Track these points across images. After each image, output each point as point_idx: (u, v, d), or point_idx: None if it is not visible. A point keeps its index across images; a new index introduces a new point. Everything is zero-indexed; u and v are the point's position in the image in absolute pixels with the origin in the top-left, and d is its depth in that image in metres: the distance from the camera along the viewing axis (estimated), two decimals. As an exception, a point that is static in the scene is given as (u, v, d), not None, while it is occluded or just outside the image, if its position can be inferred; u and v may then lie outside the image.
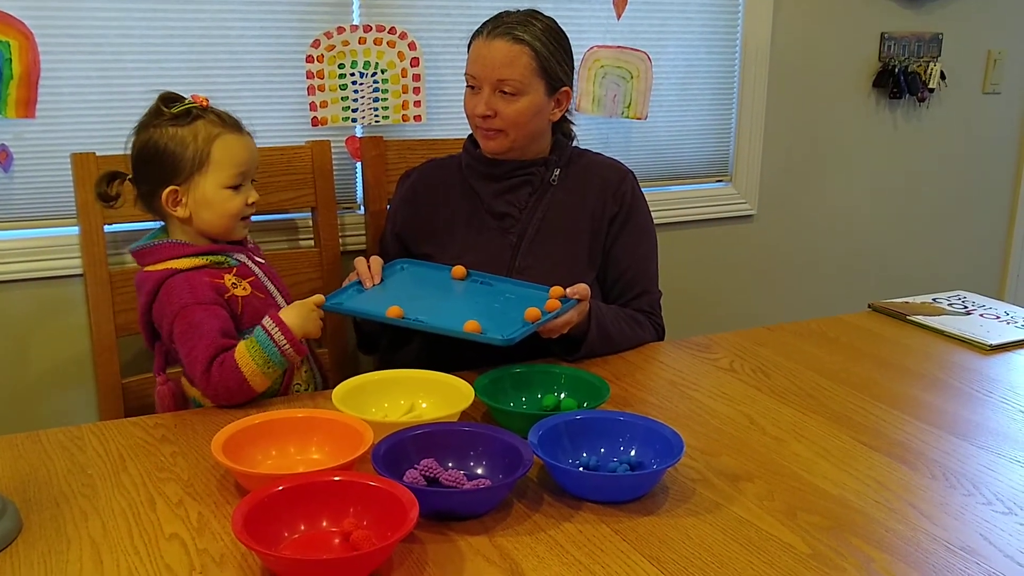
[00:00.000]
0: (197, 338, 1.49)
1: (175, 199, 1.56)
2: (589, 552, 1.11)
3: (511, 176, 1.82)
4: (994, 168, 3.18)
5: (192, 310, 1.51)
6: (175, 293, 1.53)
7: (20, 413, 1.94)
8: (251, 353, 1.48)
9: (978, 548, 1.14)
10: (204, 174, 1.55)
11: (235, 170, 1.56)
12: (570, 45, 1.82)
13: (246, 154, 1.59)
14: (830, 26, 2.73)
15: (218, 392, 1.48)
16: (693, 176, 2.65)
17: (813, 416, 1.51)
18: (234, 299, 1.56)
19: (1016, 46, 3.07)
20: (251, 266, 1.64)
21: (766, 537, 1.15)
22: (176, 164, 1.54)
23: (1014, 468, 1.35)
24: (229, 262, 1.61)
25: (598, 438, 1.32)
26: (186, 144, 1.54)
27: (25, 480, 1.25)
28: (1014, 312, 2.03)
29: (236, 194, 1.57)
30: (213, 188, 1.56)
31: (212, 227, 1.59)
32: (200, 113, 1.56)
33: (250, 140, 1.61)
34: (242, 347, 1.49)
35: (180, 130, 1.54)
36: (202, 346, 1.48)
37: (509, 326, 1.55)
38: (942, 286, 2.34)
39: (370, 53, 2.12)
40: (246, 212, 1.60)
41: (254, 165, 1.62)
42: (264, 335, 1.49)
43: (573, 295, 1.63)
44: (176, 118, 1.55)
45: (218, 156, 1.55)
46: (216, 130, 1.55)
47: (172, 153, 1.54)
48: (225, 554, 1.09)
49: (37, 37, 1.82)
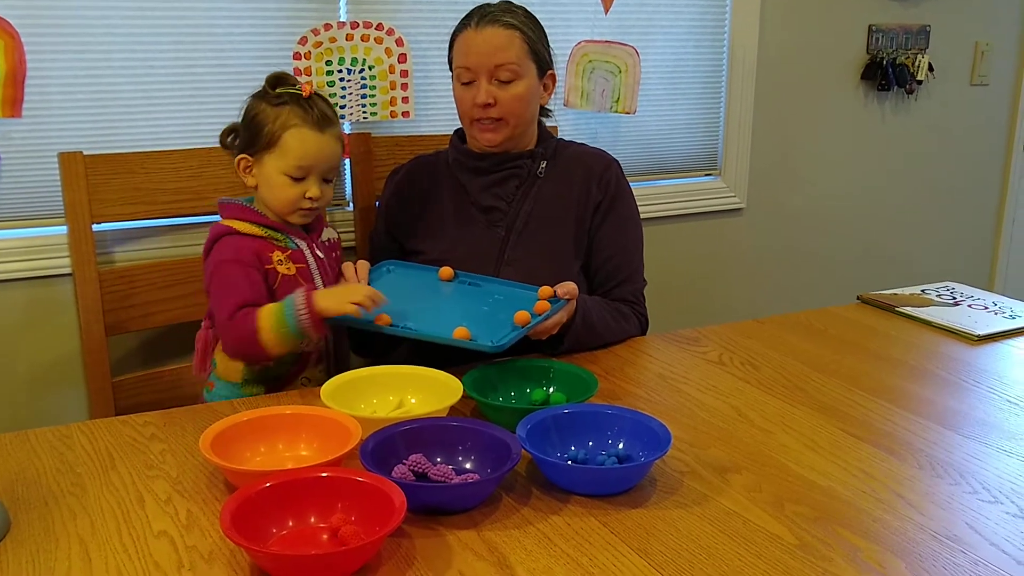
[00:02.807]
0: (229, 289, 1.57)
1: (246, 167, 1.63)
2: (577, 545, 1.11)
3: (498, 169, 1.83)
4: (983, 159, 3.19)
5: (230, 266, 1.58)
6: (222, 249, 1.60)
7: (10, 413, 1.94)
8: (274, 312, 1.53)
9: (964, 536, 1.14)
10: (271, 155, 1.60)
11: (298, 162, 1.59)
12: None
13: (316, 151, 1.61)
14: (818, 19, 2.73)
15: (233, 340, 1.56)
16: (682, 170, 2.66)
17: (801, 408, 1.51)
18: (273, 272, 1.61)
19: (1003, 38, 3.08)
20: (307, 255, 1.66)
21: (753, 528, 1.15)
22: (254, 137, 1.61)
23: (1000, 457, 1.35)
24: (287, 243, 1.64)
25: (586, 431, 1.33)
26: (267, 122, 1.60)
27: (13, 479, 1.25)
28: (1002, 303, 2.04)
29: (295, 184, 1.61)
30: (275, 171, 1.60)
31: (270, 205, 1.64)
32: (292, 100, 1.60)
33: (331, 140, 1.63)
34: (269, 306, 1.55)
35: (270, 108, 1.60)
36: (233, 297, 1.56)
37: (498, 330, 1.54)
38: (932, 278, 2.35)
39: (357, 50, 2.12)
40: (303, 204, 1.62)
41: (327, 164, 1.63)
42: (290, 299, 1.53)
43: (563, 295, 1.63)
44: (274, 97, 1.61)
45: (287, 143, 1.59)
46: (295, 120, 1.59)
47: (256, 125, 1.61)
48: (214, 551, 1.09)
49: (23, 36, 1.82)
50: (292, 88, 1.62)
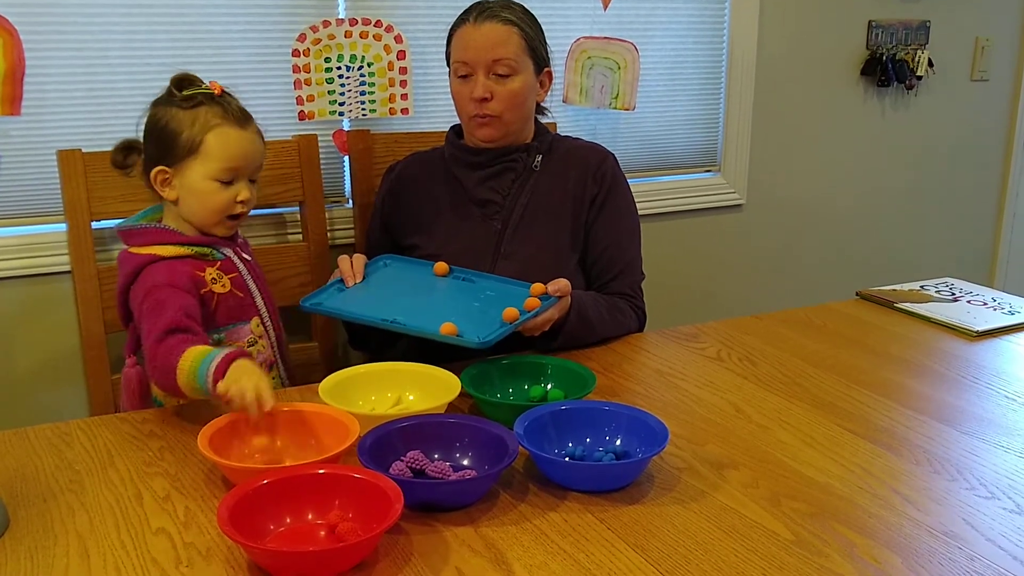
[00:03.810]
0: (160, 311, 1.44)
1: (164, 179, 1.55)
2: (574, 541, 1.11)
3: (494, 164, 1.83)
4: (982, 155, 3.18)
5: (162, 290, 1.48)
6: (154, 275, 1.50)
7: (10, 410, 1.94)
8: (193, 361, 1.36)
9: (960, 532, 1.14)
10: (194, 161, 1.52)
11: (226, 164, 1.52)
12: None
13: (242, 149, 1.54)
14: (817, 14, 2.73)
15: (156, 367, 1.41)
16: (682, 166, 2.66)
17: (799, 404, 1.52)
18: (210, 295, 1.55)
19: (1003, 33, 3.07)
20: (236, 262, 1.62)
21: (750, 524, 1.15)
22: (170, 145, 1.52)
23: (998, 453, 1.36)
24: (214, 255, 1.58)
25: (584, 428, 1.33)
26: (183, 127, 1.51)
27: (12, 476, 1.25)
28: (1001, 298, 2.04)
29: (225, 188, 1.54)
30: (201, 177, 1.53)
31: (196, 217, 1.56)
32: (206, 100, 1.53)
33: (254, 137, 1.57)
34: (193, 350, 1.38)
35: (182, 112, 1.52)
36: (164, 319, 1.43)
37: (488, 326, 1.53)
38: (931, 274, 2.35)
39: (356, 47, 2.12)
40: (234, 210, 1.56)
41: (253, 163, 1.57)
42: (210, 358, 1.34)
43: (555, 293, 1.63)
44: (184, 100, 1.53)
45: (211, 146, 1.51)
46: (215, 120, 1.52)
47: (169, 133, 1.52)
48: (212, 547, 1.09)
49: (22, 34, 1.82)
50: (202, 88, 1.54)
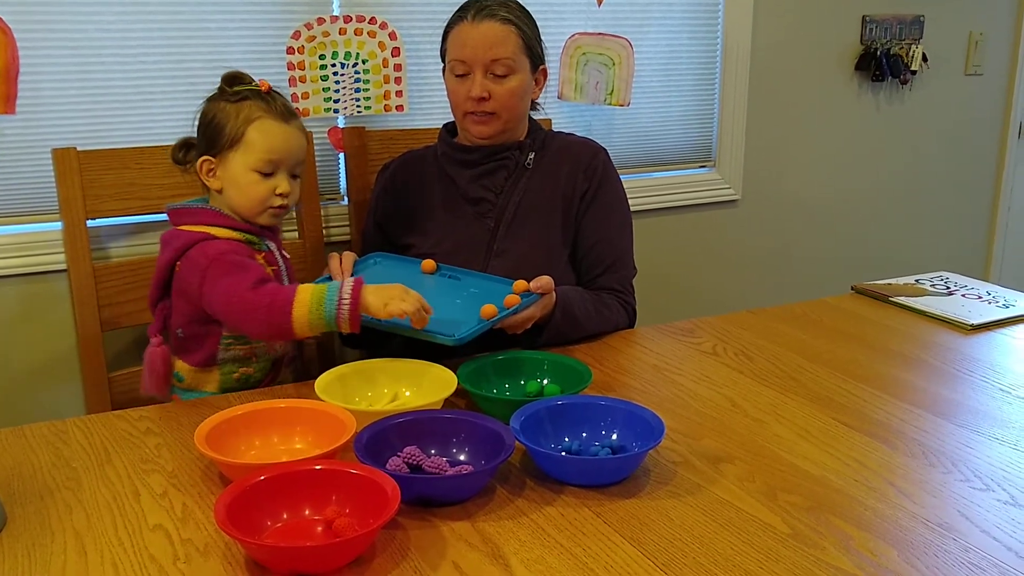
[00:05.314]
0: (243, 268, 1.50)
1: (209, 169, 1.58)
2: (571, 535, 1.12)
3: (486, 161, 1.83)
4: (977, 149, 3.19)
5: (234, 255, 1.52)
6: (217, 246, 1.53)
7: (7, 409, 1.94)
8: (315, 292, 1.45)
9: (955, 524, 1.15)
10: (236, 152, 1.56)
11: (266, 156, 1.55)
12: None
13: (283, 143, 1.57)
14: (811, 10, 2.74)
15: (258, 309, 1.45)
16: (677, 162, 2.66)
17: (795, 398, 1.52)
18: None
19: (997, 27, 3.08)
20: (277, 257, 1.64)
21: (746, 518, 1.16)
22: (216, 137, 1.56)
23: (992, 445, 1.36)
24: (262, 246, 1.61)
25: (580, 422, 1.33)
26: (228, 120, 1.55)
27: (9, 474, 1.25)
28: (996, 292, 2.04)
29: (264, 180, 1.56)
30: (242, 168, 1.55)
31: (238, 207, 1.58)
32: (252, 95, 1.57)
33: (296, 132, 1.59)
34: (309, 284, 1.48)
35: (229, 106, 1.56)
36: (251, 273, 1.48)
37: (467, 324, 1.52)
38: (927, 268, 2.35)
39: (351, 44, 2.12)
40: (274, 202, 1.58)
41: (293, 157, 1.59)
42: (335, 285, 1.46)
43: (537, 290, 1.63)
44: (232, 95, 1.57)
45: (252, 138, 1.55)
46: (258, 113, 1.55)
47: (216, 126, 1.56)
48: (209, 544, 1.09)
49: (16, 32, 1.82)
50: (250, 85, 1.58)
